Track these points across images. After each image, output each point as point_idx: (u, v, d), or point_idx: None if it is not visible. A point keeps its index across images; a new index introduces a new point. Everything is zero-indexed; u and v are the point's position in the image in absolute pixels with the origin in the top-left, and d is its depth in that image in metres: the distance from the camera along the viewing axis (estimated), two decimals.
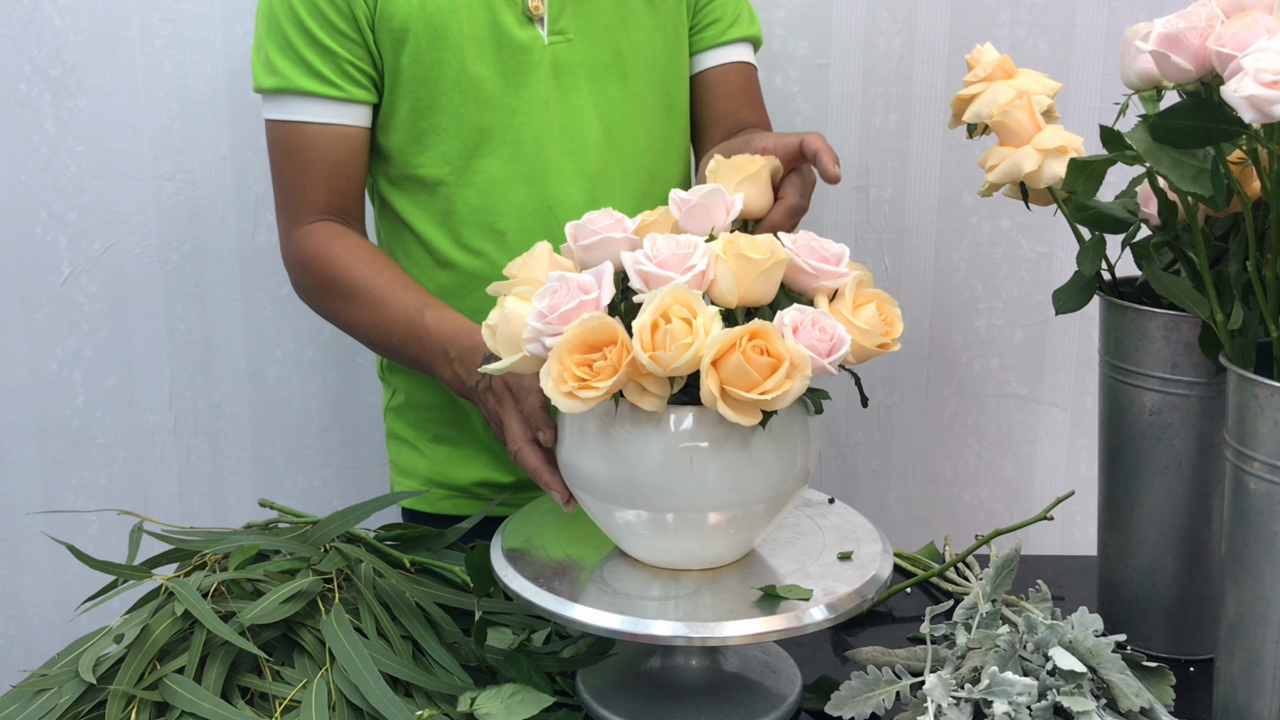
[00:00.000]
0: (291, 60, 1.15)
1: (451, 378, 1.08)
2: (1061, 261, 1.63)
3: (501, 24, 1.15)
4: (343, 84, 1.15)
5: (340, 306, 1.18)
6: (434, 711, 0.84)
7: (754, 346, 0.77)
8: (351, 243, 1.19)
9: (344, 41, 1.14)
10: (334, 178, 1.18)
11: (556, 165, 1.19)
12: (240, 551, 0.97)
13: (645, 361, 0.76)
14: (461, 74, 1.15)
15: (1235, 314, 0.84)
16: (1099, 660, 0.83)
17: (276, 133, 1.18)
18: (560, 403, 0.78)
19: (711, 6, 1.28)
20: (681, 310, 0.78)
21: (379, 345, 1.17)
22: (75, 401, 1.66)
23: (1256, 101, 0.71)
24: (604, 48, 1.19)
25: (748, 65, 1.31)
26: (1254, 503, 0.79)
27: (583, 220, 0.87)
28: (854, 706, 0.85)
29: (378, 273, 1.16)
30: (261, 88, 1.17)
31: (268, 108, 1.18)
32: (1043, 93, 0.98)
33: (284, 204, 1.20)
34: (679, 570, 0.88)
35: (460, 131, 1.17)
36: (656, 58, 1.22)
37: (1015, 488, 1.72)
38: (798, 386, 0.77)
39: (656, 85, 1.23)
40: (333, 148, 1.17)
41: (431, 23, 1.14)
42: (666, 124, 1.26)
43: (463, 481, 1.30)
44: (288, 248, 1.21)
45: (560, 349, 0.79)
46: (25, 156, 1.58)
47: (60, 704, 0.82)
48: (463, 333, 1.08)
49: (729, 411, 0.77)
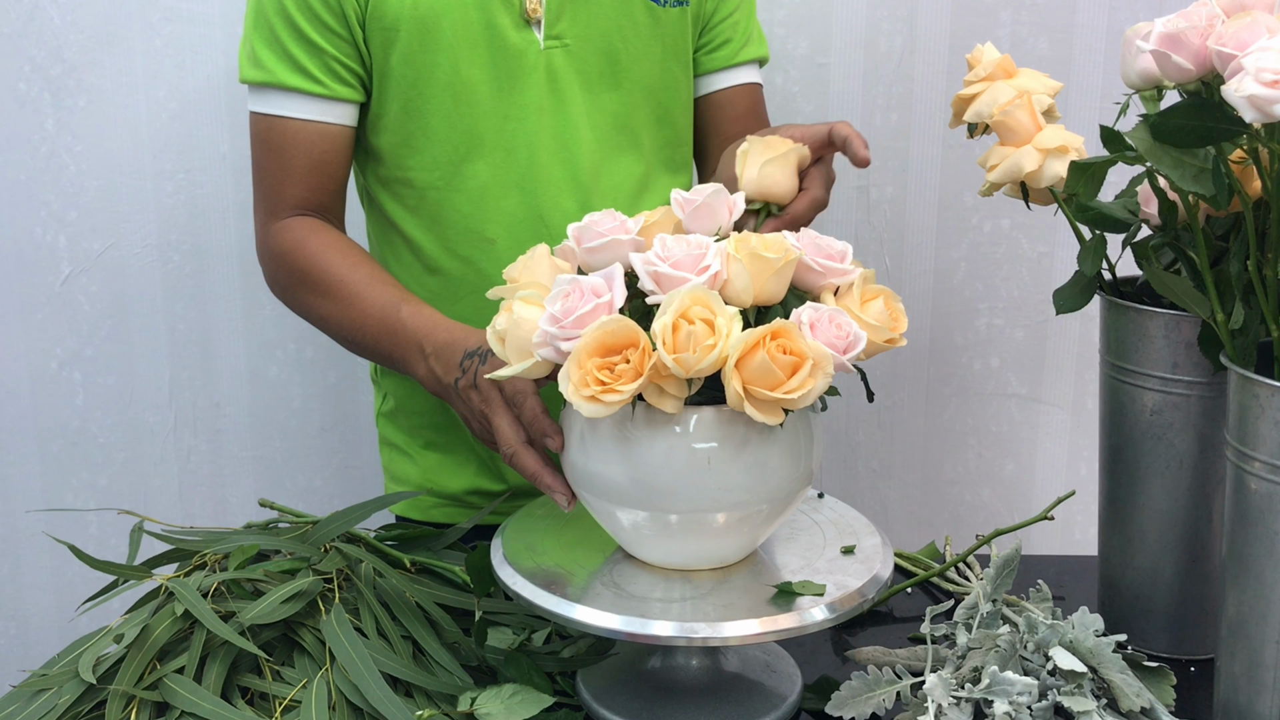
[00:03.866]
0: (277, 55, 1.13)
1: (426, 374, 1.06)
2: (1062, 261, 1.63)
3: (497, 26, 1.14)
4: (328, 81, 1.14)
5: (314, 301, 1.16)
6: (434, 711, 0.84)
7: (777, 346, 0.77)
8: (329, 238, 1.17)
9: (332, 38, 1.13)
10: (314, 174, 1.16)
11: (549, 173, 1.18)
12: (240, 551, 0.97)
13: (669, 363, 0.76)
14: (454, 76, 1.14)
15: (1236, 314, 0.84)
16: (1100, 660, 0.83)
17: (259, 125, 1.17)
18: (583, 407, 0.77)
19: (723, 26, 1.26)
20: (702, 311, 0.78)
21: (353, 341, 1.15)
22: (75, 401, 1.66)
23: (1257, 101, 0.71)
24: (600, 55, 1.18)
25: (757, 86, 1.31)
26: (1255, 502, 0.79)
27: (585, 222, 0.87)
28: (854, 706, 0.85)
29: (353, 267, 1.14)
30: (246, 79, 1.16)
31: (252, 100, 1.17)
32: (1043, 92, 0.98)
33: (262, 197, 1.19)
34: (689, 571, 0.88)
35: (451, 135, 1.15)
36: (653, 68, 1.21)
37: (1016, 488, 1.72)
38: (820, 384, 0.78)
39: (651, 96, 1.22)
40: (314, 145, 1.15)
41: (424, 23, 1.12)
42: (659, 135, 1.24)
43: (454, 489, 1.28)
44: (263, 241, 1.19)
45: (580, 353, 0.78)
46: (25, 156, 1.58)
47: (60, 704, 0.82)
48: (438, 328, 1.06)
49: (755, 411, 0.77)
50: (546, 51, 1.16)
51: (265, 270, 1.21)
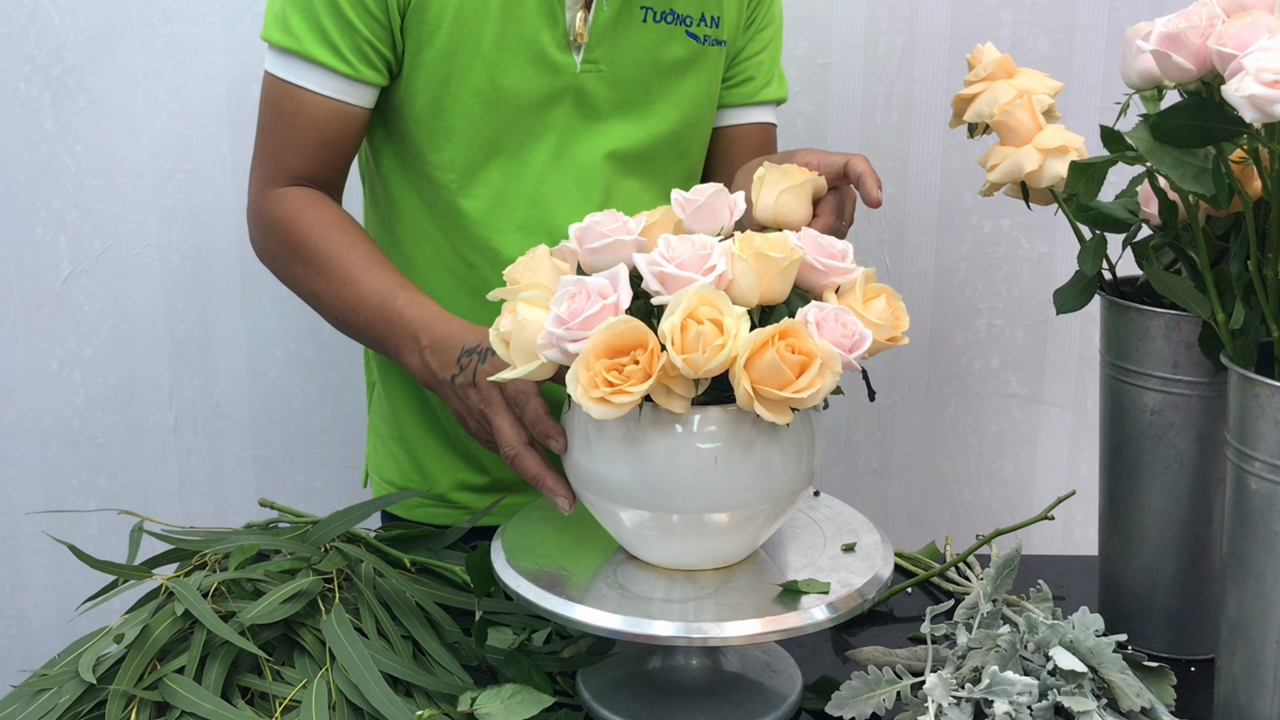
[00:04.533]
0: (309, 24, 1.10)
1: (420, 366, 1.04)
2: (1062, 261, 1.63)
3: (539, 43, 1.12)
4: (355, 62, 1.11)
5: (306, 274, 1.13)
6: (434, 711, 0.84)
7: (786, 345, 0.77)
8: (327, 211, 1.14)
9: (368, 20, 1.10)
10: (323, 150, 1.14)
11: (562, 191, 1.17)
12: (240, 551, 0.97)
13: (679, 364, 0.76)
14: (487, 84, 1.12)
15: (1236, 313, 0.84)
16: (1100, 660, 0.83)
17: (274, 89, 1.13)
18: (592, 409, 0.77)
19: (749, 64, 1.26)
20: (709, 311, 0.78)
21: (343, 321, 1.12)
22: (75, 401, 1.66)
23: (1257, 101, 0.71)
24: (633, 84, 1.17)
25: (771, 126, 1.30)
26: (1255, 502, 0.79)
27: (588, 223, 0.86)
28: (854, 706, 0.85)
29: (352, 246, 1.12)
30: (270, 39, 1.12)
31: (271, 60, 1.13)
32: (1044, 92, 0.98)
33: (264, 161, 1.16)
34: (692, 571, 0.88)
35: (473, 141, 1.14)
36: (683, 103, 1.20)
37: (1016, 487, 1.72)
38: (828, 383, 0.78)
39: (675, 130, 1.21)
40: (329, 122, 1.13)
41: (466, 25, 1.10)
42: (676, 167, 1.23)
43: (438, 483, 1.27)
44: (258, 205, 1.16)
45: (588, 354, 0.78)
46: (25, 156, 1.58)
47: (60, 704, 0.82)
48: (436, 321, 1.04)
49: (764, 411, 0.77)
50: (581, 74, 1.14)
51: (254, 234, 1.18)
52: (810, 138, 1.62)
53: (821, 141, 1.62)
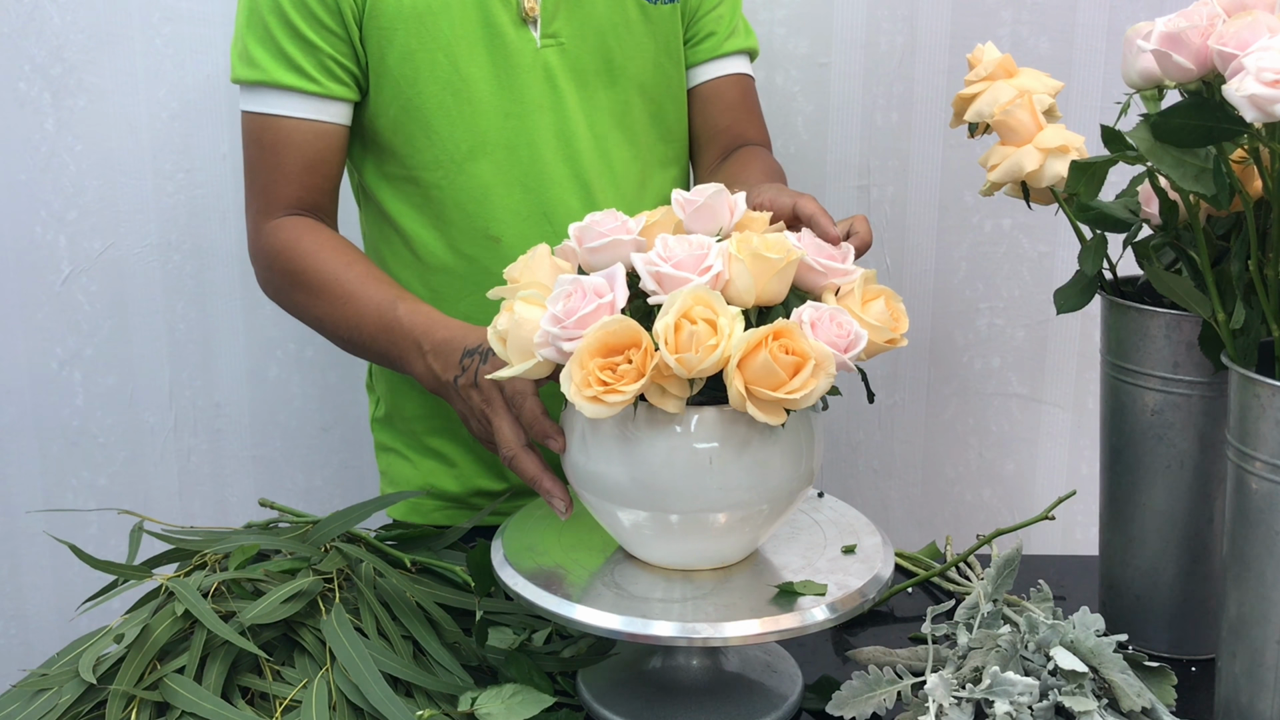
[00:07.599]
0: (271, 53, 1.13)
1: (424, 371, 1.05)
2: (1063, 261, 1.63)
3: (495, 24, 1.14)
4: (323, 80, 1.13)
5: (308, 301, 1.15)
6: (434, 711, 0.84)
7: (780, 345, 0.77)
8: (322, 236, 1.16)
9: (327, 36, 1.12)
10: (308, 174, 1.16)
11: (553, 171, 1.18)
12: (240, 551, 0.97)
13: (671, 363, 0.76)
14: (453, 74, 1.14)
15: (1237, 313, 0.84)
16: (1100, 660, 0.83)
17: (252, 125, 1.16)
18: (585, 408, 0.77)
19: (706, 19, 1.27)
20: (704, 311, 0.78)
21: (348, 340, 1.14)
22: (75, 401, 1.66)
23: (1258, 100, 0.71)
24: (594, 53, 1.18)
25: (745, 77, 1.31)
26: (1256, 502, 0.79)
27: (587, 222, 0.87)
28: (855, 706, 0.85)
29: (348, 265, 1.13)
30: (239, 79, 1.15)
31: (245, 99, 1.16)
32: (1044, 92, 0.98)
33: (255, 197, 1.18)
34: (690, 571, 0.88)
35: (453, 134, 1.15)
36: (646, 65, 1.21)
37: (1016, 487, 1.72)
38: (822, 384, 0.78)
39: (644, 93, 1.22)
40: (308, 144, 1.15)
41: (422, 20, 1.12)
42: (653, 131, 1.24)
43: (455, 490, 1.28)
44: (256, 241, 1.19)
45: (581, 353, 0.78)
46: (25, 156, 1.58)
47: (60, 704, 0.82)
48: (437, 325, 1.05)
49: (757, 411, 0.77)
50: (543, 50, 1.16)
51: (258, 271, 1.21)
52: (810, 138, 1.62)
53: (822, 141, 1.62)
